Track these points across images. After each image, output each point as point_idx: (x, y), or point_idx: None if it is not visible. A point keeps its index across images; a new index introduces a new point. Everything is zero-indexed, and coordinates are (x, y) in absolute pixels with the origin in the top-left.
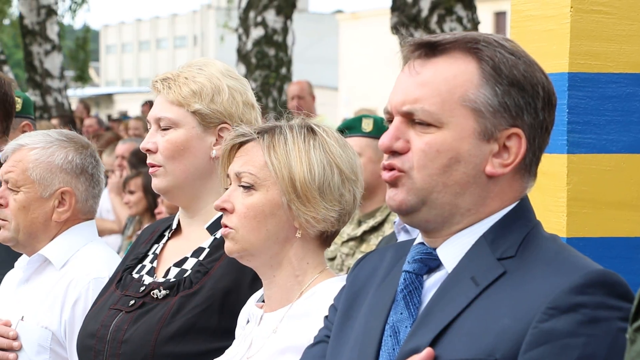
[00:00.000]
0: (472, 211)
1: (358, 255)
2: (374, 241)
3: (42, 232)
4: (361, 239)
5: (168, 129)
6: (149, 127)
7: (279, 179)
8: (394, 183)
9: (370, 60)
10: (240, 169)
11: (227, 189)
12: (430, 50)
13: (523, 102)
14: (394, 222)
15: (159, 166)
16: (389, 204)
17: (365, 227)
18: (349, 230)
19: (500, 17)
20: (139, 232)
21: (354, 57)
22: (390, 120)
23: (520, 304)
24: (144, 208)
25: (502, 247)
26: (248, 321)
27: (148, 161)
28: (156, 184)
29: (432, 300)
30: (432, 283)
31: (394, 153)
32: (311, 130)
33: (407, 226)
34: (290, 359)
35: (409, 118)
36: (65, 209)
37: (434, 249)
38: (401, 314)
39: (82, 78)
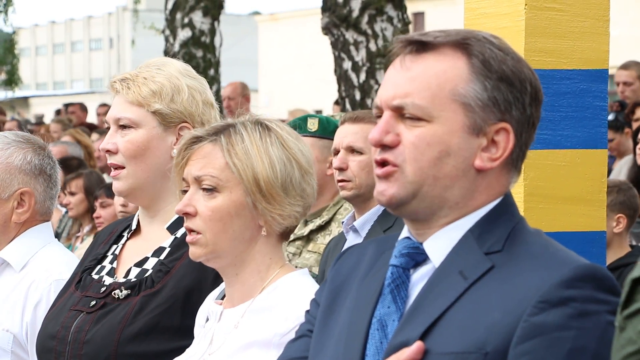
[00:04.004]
0: (460, 204)
1: (305, 255)
2: (321, 240)
3: (1, 234)
4: (308, 238)
5: (128, 129)
6: (105, 126)
7: (242, 179)
8: (385, 177)
9: (290, 62)
10: (200, 172)
11: (184, 191)
12: (421, 46)
13: (512, 97)
14: (342, 222)
15: (121, 167)
16: (377, 199)
17: (312, 226)
18: (295, 229)
19: (418, 17)
20: (78, 234)
21: (273, 59)
22: (379, 116)
23: (509, 298)
24: (85, 210)
25: (488, 241)
26: (207, 319)
27: (109, 162)
28: (118, 186)
29: (420, 294)
30: (419, 277)
31: (383, 147)
32: (265, 127)
33: (356, 226)
34: (254, 353)
35: (399, 112)
36: (25, 210)
37: (421, 243)
38: (388, 307)
39: (12, 82)
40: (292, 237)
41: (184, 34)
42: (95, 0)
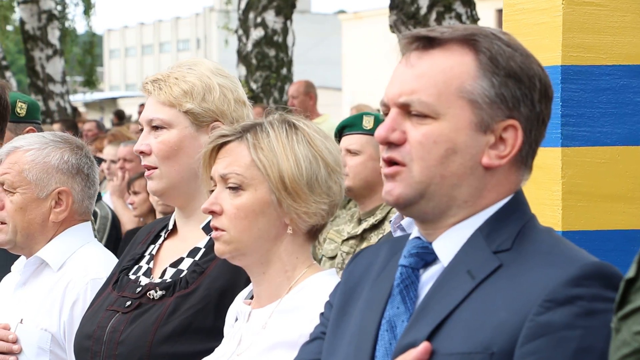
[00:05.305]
0: (469, 203)
1: None
2: (374, 239)
3: (40, 233)
4: (362, 237)
5: (161, 130)
6: (140, 129)
7: (268, 177)
8: (392, 176)
9: (374, 60)
10: (226, 170)
11: (211, 191)
12: (427, 42)
13: (520, 93)
14: (390, 221)
15: (155, 168)
16: (385, 198)
17: (365, 225)
18: (349, 228)
19: (502, 13)
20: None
21: (357, 57)
22: (387, 113)
23: (516, 297)
24: (149, 209)
25: (497, 240)
26: (237, 319)
27: (143, 163)
28: (152, 186)
29: (428, 294)
30: (429, 277)
31: (390, 145)
32: (292, 125)
33: (404, 225)
34: (280, 354)
35: (406, 110)
36: (62, 209)
37: (430, 243)
38: (397, 308)
39: (90, 83)
40: (346, 235)
41: (256, 33)
42: (183, 1)
